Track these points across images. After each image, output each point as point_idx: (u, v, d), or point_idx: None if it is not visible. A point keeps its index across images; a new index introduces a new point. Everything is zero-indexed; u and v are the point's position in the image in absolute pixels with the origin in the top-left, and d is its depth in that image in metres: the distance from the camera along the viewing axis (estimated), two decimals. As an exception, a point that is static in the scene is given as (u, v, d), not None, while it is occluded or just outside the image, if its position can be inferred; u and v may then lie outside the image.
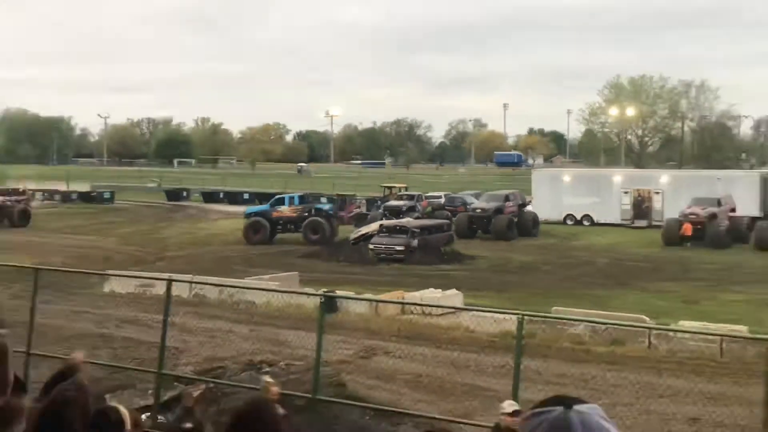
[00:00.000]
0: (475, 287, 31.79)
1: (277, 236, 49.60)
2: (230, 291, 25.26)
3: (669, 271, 38.49)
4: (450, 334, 21.71)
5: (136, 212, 69.07)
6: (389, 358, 19.97)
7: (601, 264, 40.91)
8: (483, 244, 48.34)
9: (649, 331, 21.36)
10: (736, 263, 41.06)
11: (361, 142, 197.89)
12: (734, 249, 46.74)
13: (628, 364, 19.28)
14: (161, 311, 14.38)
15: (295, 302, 21.07)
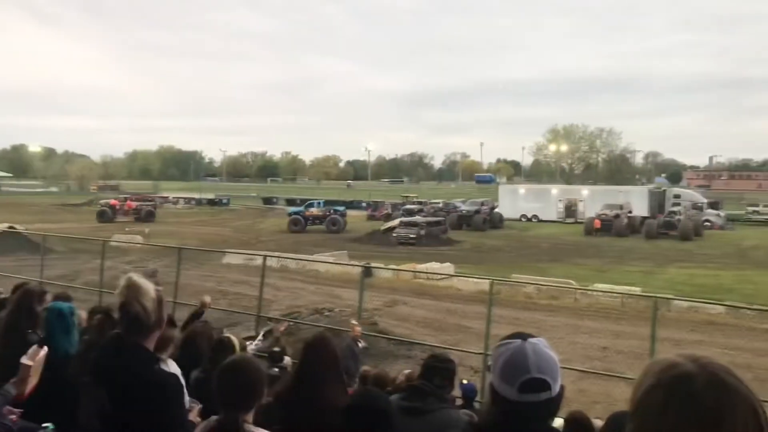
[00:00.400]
0: (461, 262, 31.69)
1: (308, 227, 49.07)
2: (303, 263, 25.34)
3: (587, 251, 38.24)
4: (445, 291, 21.69)
5: (243, 212, 69.41)
6: (406, 306, 19.97)
7: (544, 246, 40.68)
8: (467, 234, 48.15)
9: (575, 290, 21.28)
10: (632, 247, 40.74)
11: (388, 167, 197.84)
12: (631, 238, 46.39)
13: (561, 312, 19.21)
14: (259, 275, 14.43)
15: (345, 270, 21.14)
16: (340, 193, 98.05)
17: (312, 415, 3.51)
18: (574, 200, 59.49)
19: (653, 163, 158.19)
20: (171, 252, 22.18)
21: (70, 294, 8.85)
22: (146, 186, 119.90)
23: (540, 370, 1.90)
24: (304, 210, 51.16)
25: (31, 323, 4.82)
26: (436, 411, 3.41)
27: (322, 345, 3.76)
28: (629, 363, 13.45)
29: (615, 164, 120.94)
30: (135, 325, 2.92)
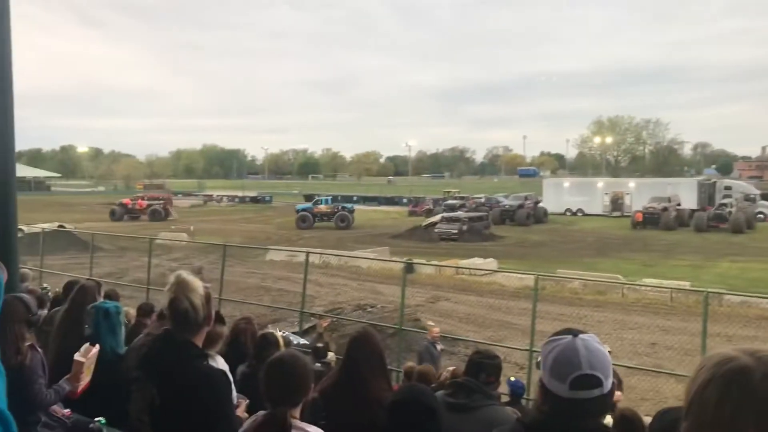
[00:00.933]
0: (505, 257, 31.50)
1: (316, 224, 48.62)
2: (345, 259, 25.45)
3: (635, 245, 37.56)
4: (488, 287, 21.53)
5: (285, 209, 69.91)
6: (448, 302, 19.91)
7: (589, 241, 40.09)
8: (510, 228, 47.79)
9: (622, 285, 20.93)
10: (680, 240, 39.88)
11: (428, 162, 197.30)
12: (679, 231, 45.41)
13: (608, 308, 18.92)
14: (302, 272, 14.54)
15: (387, 266, 21.16)
16: (381, 189, 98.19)
17: (357, 409, 3.52)
18: (620, 193, 58.51)
19: (702, 154, 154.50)
20: (216, 249, 22.54)
21: (118, 291, 9.07)
22: (191, 184, 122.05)
23: (592, 367, 1.87)
24: (312, 207, 50.95)
25: (86, 319, 4.97)
26: (483, 408, 3.38)
27: (366, 340, 3.77)
28: (679, 359, 13.18)
29: (662, 156, 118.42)
30: (184, 322, 2.97)
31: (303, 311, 14.34)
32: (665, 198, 49.69)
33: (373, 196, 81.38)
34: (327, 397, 3.57)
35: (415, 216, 56.17)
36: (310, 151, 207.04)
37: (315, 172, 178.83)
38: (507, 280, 21.31)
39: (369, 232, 44.74)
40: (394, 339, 13.57)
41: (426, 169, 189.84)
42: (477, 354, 3.91)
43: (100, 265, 23.74)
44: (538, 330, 11.36)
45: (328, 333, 14.45)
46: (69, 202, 73.11)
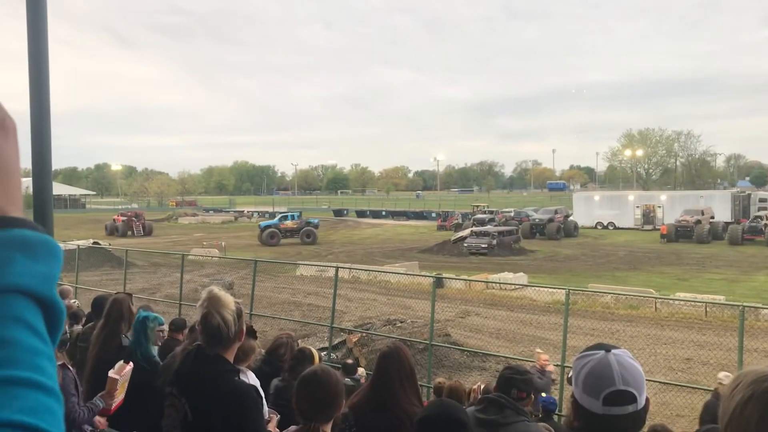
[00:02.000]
0: (535, 271, 31.24)
1: (282, 240, 48.32)
2: (374, 273, 25.46)
3: (667, 259, 36.98)
4: (519, 302, 21.33)
5: (315, 224, 70.30)
6: (478, 317, 19.78)
7: (621, 254, 39.56)
8: (540, 242, 47.40)
9: (655, 299, 20.60)
10: (714, 253, 39.17)
11: (457, 176, 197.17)
12: (713, 244, 44.66)
13: (641, 322, 18.63)
14: (332, 286, 14.57)
15: (416, 281, 21.05)
16: (410, 203, 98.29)
17: (387, 424, 3.51)
18: (652, 206, 57.69)
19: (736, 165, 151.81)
20: (246, 264, 22.70)
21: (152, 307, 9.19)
22: (222, 201, 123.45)
23: (625, 382, 1.84)
24: (278, 222, 50.54)
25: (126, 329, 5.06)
26: (514, 424, 3.35)
27: (397, 355, 3.76)
28: (715, 375, 12.86)
29: (694, 168, 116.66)
30: (216, 337, 3.00)
31: (333, 326, 14.35)
32: (698, 210, 48.92)
33: (402, 211, 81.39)
34: (357, 411, 3.57)
35: (443, 230, 56.00)
36: (339, 166, 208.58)
37: (344, 188, 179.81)
38: (537, 295, 21.09)
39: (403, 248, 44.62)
40: (424, 354, 13.51)
41: (454, 183, 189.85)
42: (508, 369, 3.87)
43: (134, 281, 24.10)
44: (570, 345, 11.24)
45: (357, 348, 14.46)
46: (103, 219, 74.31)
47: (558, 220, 52.43)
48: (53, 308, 0.71)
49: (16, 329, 0.66)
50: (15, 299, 0.67)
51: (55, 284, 0.72)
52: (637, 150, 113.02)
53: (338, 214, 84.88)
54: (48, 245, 0.72)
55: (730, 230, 45.91)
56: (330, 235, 56.78)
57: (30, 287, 0.68)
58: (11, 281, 0.67)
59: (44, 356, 0.67)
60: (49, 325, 0.70)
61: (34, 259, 0.70)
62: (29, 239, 0.70)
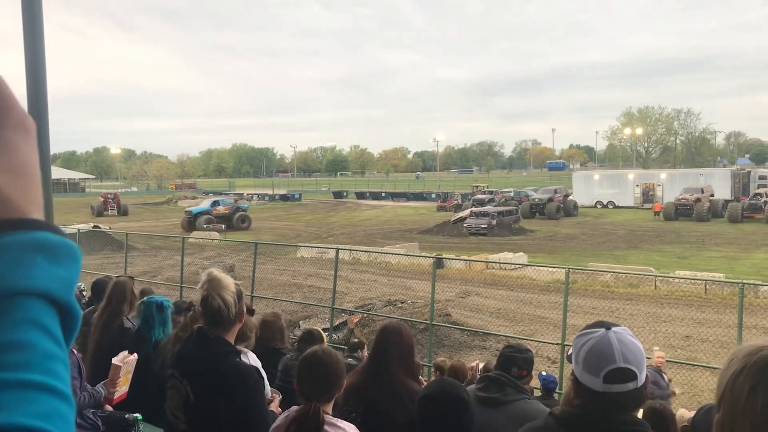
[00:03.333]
0: (535, 251, 31.29)
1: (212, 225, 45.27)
2: (375, 255, 25.50)
3: (667, 237, 37.00)
4: (519, 282, 21.39)
5: (314, 206, 70.34)
6: (479, 297, 19.83)
7: (621, 233, 39.56)
8: (540, 222, 47.41)
9: (654, 277, 20.65)
10: (714, 231, 39.17)
11: (456, 157, 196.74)
12: (713, 222, 44.68)
13: (640, 300, 18.69)
14: (332, 268, 14.59)
15: (416, 262, 21.08)
16: (409, 184, 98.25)
17: (385, 399, 3.52)
18: (651, 185, 57.66)
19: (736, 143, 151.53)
20: (247, 247, 22.75)
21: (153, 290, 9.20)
22: (221, 183, 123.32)
23: (626, 360, 1.84)
24: (210, 208, 48.12)
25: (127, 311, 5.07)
26: (515, 402, 3.36)
27: (396, 331, 3.77)
28: (714, 352, 12.95)
29: (694, 146, 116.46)
30: (216, 319, 3.00)
31: (334, 307, 14.40)
32: (698, 188, 48.88)
33: (402, 192, 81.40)
34: (355, 387, 3.58)
35: (443, 211, 56.00)
36: (338, 148, 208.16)
37: (343, 169, 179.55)
38: (537, 274, 21.15)
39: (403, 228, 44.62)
40: (425, 334, 13.57)
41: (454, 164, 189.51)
42: (508, 348, 3.88)
43: (134, 264, 24.12)
44: (570, 324, 11.28)
45: (358, 329, 14.53)
46: (103, 202, 74.29)
47: (557, 200, 52.41)
48: (70, 312, 0.70)
49: (33, 333, 0.65)
50: (33, 302, 0.66)
51: (73, 288, 0.71)
52: (636, 128, 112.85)
53: (338, 196, 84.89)
54: (69, 249, 0.71)
55: (729, 208, 45.89)
56: (330, 216, 56.80)
57: (49, 291, 0.67)
58: (31, 284, 0.66)
59: (59, 361, 0.66)
60: (64, 329, 0.70)
61: (55, 263, 0.69)
62: (50, 242, 0.69)
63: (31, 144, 0.74)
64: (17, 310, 0.65)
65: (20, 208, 0.70)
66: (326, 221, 52.15)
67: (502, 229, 40.61)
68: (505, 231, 40.39)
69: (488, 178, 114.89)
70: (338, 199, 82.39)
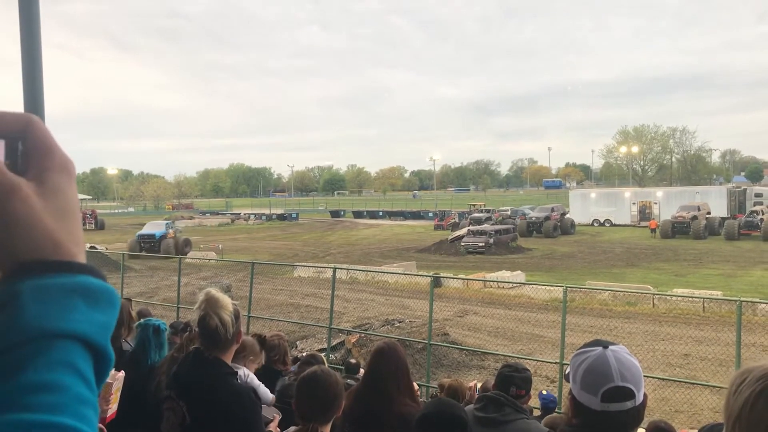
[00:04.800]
0: (532, 269, 31.26)
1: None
2: (372, 274, 25.45)
3: (664, 255, 37.00)
4: (516, 300, 21.35)
5: (312, 225, 70.31)
6: (477, 316, 19.79)
7: (618, 251, 39.57)
8: (537, 240, 47.41)
9: (652, 295, 20.64)
10: (711, 249, 39.19)
11: (453, 175, 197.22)
12: (710, 239, 44.74)
13: (638, 319, 18.66)
14: (330, 288, 14.55)
15: (413, 281, 21.05)
16: (406, 203, 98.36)
17: (379, 423, 3.50)
18: (648, 203, 57.79)
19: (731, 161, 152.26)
20: (244, 267, 22.71)
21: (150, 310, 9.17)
22: (218, 203, 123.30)
23: (623, 379, 1.84)
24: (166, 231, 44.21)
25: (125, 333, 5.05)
26: (514, 422, 3.34)
27: (390, 352, 3.75)
28: (713, 370, 12.91)
29: (690, 164, 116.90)
30: (214, 339, 2.99)
31: (331, 327, 14.34)
32: (694, 206, 48.97)
33: (399, 211, 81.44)
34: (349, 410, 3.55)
35: (440, 230, 56.00)
36: (335, 167, 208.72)
37: (340, 188, 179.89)
38: (535, 293, 21.12)
39: (401, 248, 44.57)
40: (422, 354, 13.52)
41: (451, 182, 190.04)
42: (507, 367, 3.87)
43: (131, 285, 24.05)
44: (568, 342, 11.24)
45: (356, 348, 14.46)
46: (100, 223, 74.21)
47: (554, 218, 52.44)
48: (104, 357, 0.70)
49: (68, 376, 0.65)
50: (71, 345, 0.66)
51: (110, 334, 0.72)
52: (632, 147, 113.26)
53: (335, 215, 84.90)
54: (109, 295, 0.72)
55: (726, 225, 45.96)
56: (327, 236, 56.75)
57: (87, 335, 0.67)
58: (71, 327, 0.66)
59: (90, 406, 0.66)
60: (96, 373, 0.70)
61: (95, 308, 0.69)
62: (93, 287, 0.70)
63: (74, 186, 0.75)
64: (55, 351, 0.65)
65: (69, 251, 0.71)
66: (323, 240, 52.07)
67: (500, 247, 40.60)
68: (502, 249, 40.37)
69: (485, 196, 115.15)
70: (335, 218, 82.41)
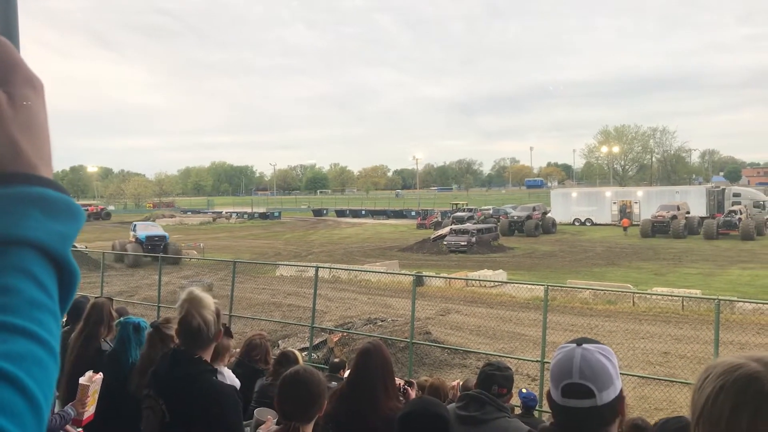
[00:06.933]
0: (514, 268, 31.40)
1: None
2: (355, 273, 25.44)
3: (644, 254, 37.34)
4: (498, 299, 21.45)
5: (294, 224, 70.11)
6: (458, 315, 19.85)
7: (599, 250, 39.86)
8: (519, 239, 47.66)
9: (632, 294, 20.82)
10: (690, 248, 39.60)
11: (436, 174, 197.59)
12: (689, 239, 45.20)
13: (619, 317, 18.82)
14: (312, 287, 14.53)
15: (396, 279, 21.07)
16: (389, 202, 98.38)
17: (364, 423, 3.51)
18: (628, 202, 58.23)
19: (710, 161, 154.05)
20: (225, 266, 22.59)
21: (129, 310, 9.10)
22: (200, 202, 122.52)
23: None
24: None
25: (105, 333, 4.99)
26: (495, 420, 3.36)
27: (375, 353, 3.75)
28: (692, 368, 13.05)
29: (670, 164, 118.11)
30: (195, 338, 2.98)
31: (313, 326, 14.32)
32: (674, 206, 49.45)
33: (381, 210, 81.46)
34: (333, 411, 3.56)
35: (423, 229, 56.09)
36: (318, 166, 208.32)
37: (323, 187, 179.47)
38: (517, 291, 21.23)
39: (383, 246, 44.56)
40: (405, 353, 13.54)
41: (433, 181, 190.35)
42: (488, 366, 3.88)
43: (111, 284, 23.84)
44: (549, 341, 11.32)
45: (338, 348, 14.44)
46: (79, 221, 73.55)
47: (536, 217, 52.71)
48: (66, 268, 0.69)
49: (20, 280, 0.64)
50: (24, 251, 0.65)
51: (70, 245, 0.71)
52: (613, 146, 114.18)
53: (318, 214, 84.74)
54: (67, 205, 0.71)
55: (705, 225, 46.48)
56: (310, 234, 56.64)
57: (42, 242, 0.66)
58: (23, 234, 0.65)
59: (46, 311, 0.65)
60: (61, 285, 0.69)
61: (52, 218, 0.68)
62: (51, 198, 0.69)
63: (41, 102, 0.74)
64: (6, 257, 0.64)
65: (29, 163, 0.70)
66: (306, 239, 51.97)
67: (482, 246, 40.75)
68: (484, 248, 40.51)
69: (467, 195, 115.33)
70: (318, 217, 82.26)
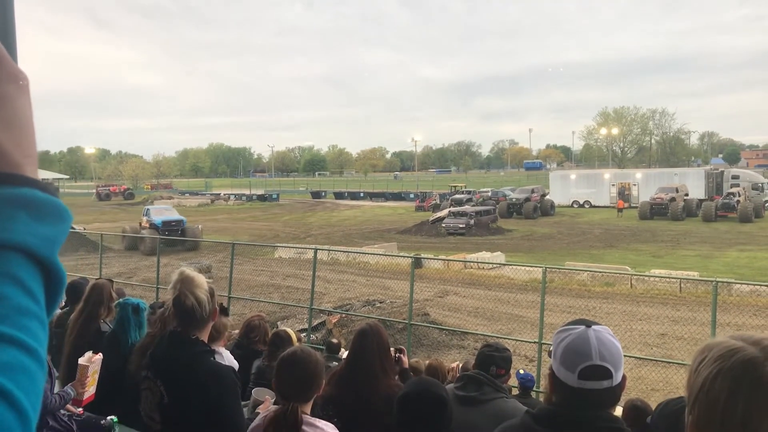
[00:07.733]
0: (512, 250, 31.44)
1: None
2: (353, 255, 25.47)
3: (642, 236, 37.37)
4: (496, 281, 21.50)
5: (292, 206, 70.03)
6: (457, 296, 19.90)
7: (597, 232, 39.88)
8: (517, 222, 47.62)
9: (630, 276, 20.87)
10: (688, 230, 39.63)
11: (435, 156, 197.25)
12: (687, 221, 45.19)
13: (616, 299, 18.88)
14: (311, 268, 14.53)
15: (394, 262, 21.08)
16: (388, 184, 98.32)
17: (363, 403, 3.52)
18: (627, 184, 58.15)
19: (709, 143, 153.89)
20: (224, 248, 22.62)
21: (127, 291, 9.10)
22: (198, 183, 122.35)
23: (602, 358, 1.86)
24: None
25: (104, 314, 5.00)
26: (493, 400, 3.38)
27: (373, 333, 3.76)
28: (689, 349, 13.11)
29: (669, 146, 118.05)
30: (189, 318, 2.97)
31: (312, 308, 14.35)
32: (673, 188, 49.41)
33: (380, 192, 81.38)
34: (334, 394, 3.57)
35: (421, 211, 56.07)
36: (316, 148, 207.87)
37: (321, 169, 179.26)
38: (515, 273, 21.27)
39: (382, 228, 44.58)
40: (403, 334, 13.59)
41: (432, 164, 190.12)
42: (487, 347, 3.89)
43: (110, 266, 23.87)
44: (547, 322, 11.36)
45: (337, 329, 14.50)
46: (77, 203, 73.49)
47: (534, 200, 52.67)
48: (53, 272, 0.68)
49: (7, 286, 0.62)
50: (11, 256, 0.64)
51: (58, 248, 0.69)
52: (612, 128, 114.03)
53: (316, 196, 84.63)
54: (57, 208, 0.70)
55: (703, 207, 46.48)
56: (308, 216, 56.62)
57: (29, 246, 0.65)
58: (9, 237, 0.64)
59: (33, 317, 0.63)
60: (47, 290, 0.67)
61: (39, 220, 0.67)
62: (38, 200, 0.68)
63: (26, 98, 0.73)
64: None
65: (14, 163, 0.68)
66: (304, 221, 51.93)
67: (480, 228, 40.74)
68: (482, 231, 40.50)
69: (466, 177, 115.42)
70: (316, 199, 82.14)
